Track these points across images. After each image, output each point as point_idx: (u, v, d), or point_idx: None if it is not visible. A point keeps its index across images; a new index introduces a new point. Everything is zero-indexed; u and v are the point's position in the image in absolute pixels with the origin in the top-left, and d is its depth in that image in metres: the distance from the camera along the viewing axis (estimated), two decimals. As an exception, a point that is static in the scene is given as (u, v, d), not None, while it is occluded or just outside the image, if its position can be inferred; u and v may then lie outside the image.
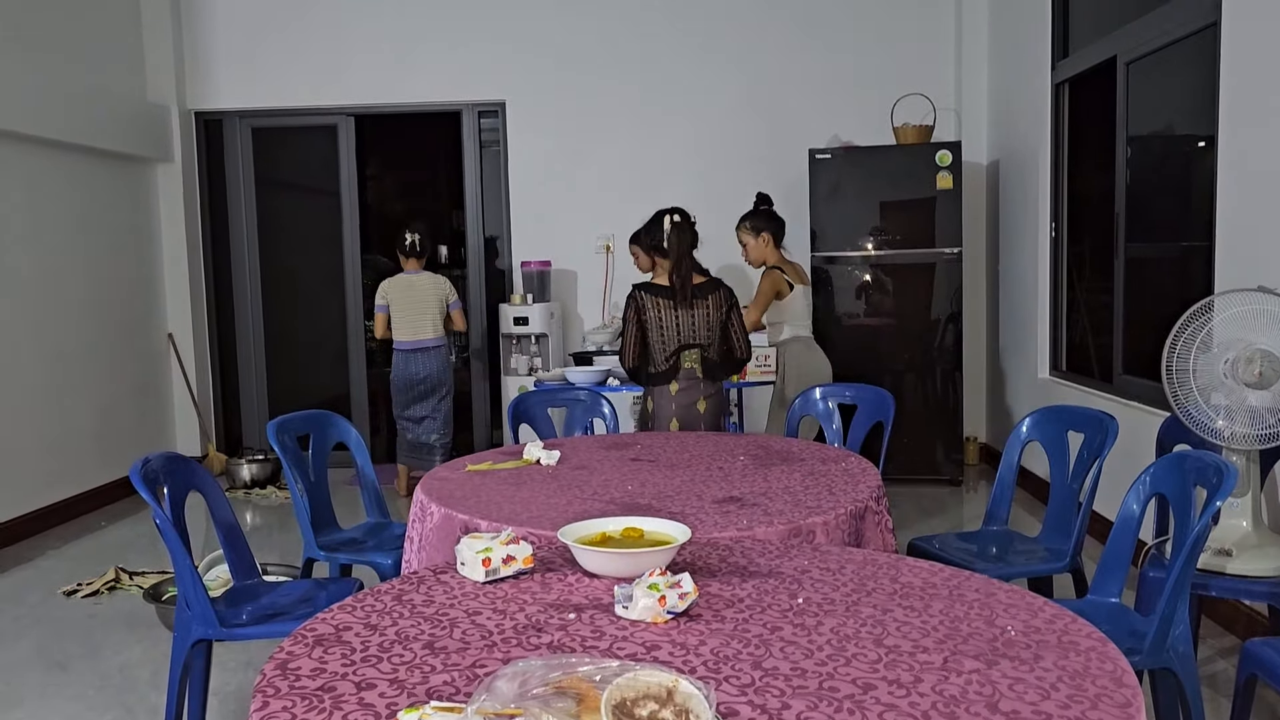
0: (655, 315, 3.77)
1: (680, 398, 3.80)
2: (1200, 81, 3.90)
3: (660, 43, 6.63)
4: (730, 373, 3.99)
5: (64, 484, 5.67)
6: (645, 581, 1.61)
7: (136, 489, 2.44)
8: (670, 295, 3.78)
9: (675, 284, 3.78)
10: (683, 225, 3.83)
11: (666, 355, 3.79)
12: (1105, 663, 1.42)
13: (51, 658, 3.65)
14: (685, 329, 3.78)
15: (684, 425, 3.80)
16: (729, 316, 3.84)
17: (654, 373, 3.82)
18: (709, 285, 3.84)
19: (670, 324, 3.77)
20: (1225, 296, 2.88)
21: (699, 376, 3.80)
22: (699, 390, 3.80)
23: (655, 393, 3.85)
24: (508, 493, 2.57)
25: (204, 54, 6.78)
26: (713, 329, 3.81)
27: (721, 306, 3.82)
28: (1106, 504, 4.15)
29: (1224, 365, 2.76)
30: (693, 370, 3.79)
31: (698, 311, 3.78)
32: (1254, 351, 2.73)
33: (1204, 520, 2.08)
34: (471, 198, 6.97)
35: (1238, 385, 2.75)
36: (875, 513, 2.47)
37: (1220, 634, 3.54)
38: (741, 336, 3.87)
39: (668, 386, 3.81)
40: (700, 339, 3.79)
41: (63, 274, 5.73)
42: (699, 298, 3.79)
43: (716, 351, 3.84)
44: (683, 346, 3.78)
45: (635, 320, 3.79)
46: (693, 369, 3.79)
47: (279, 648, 1.51)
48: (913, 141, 5.96)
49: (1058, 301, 5.56)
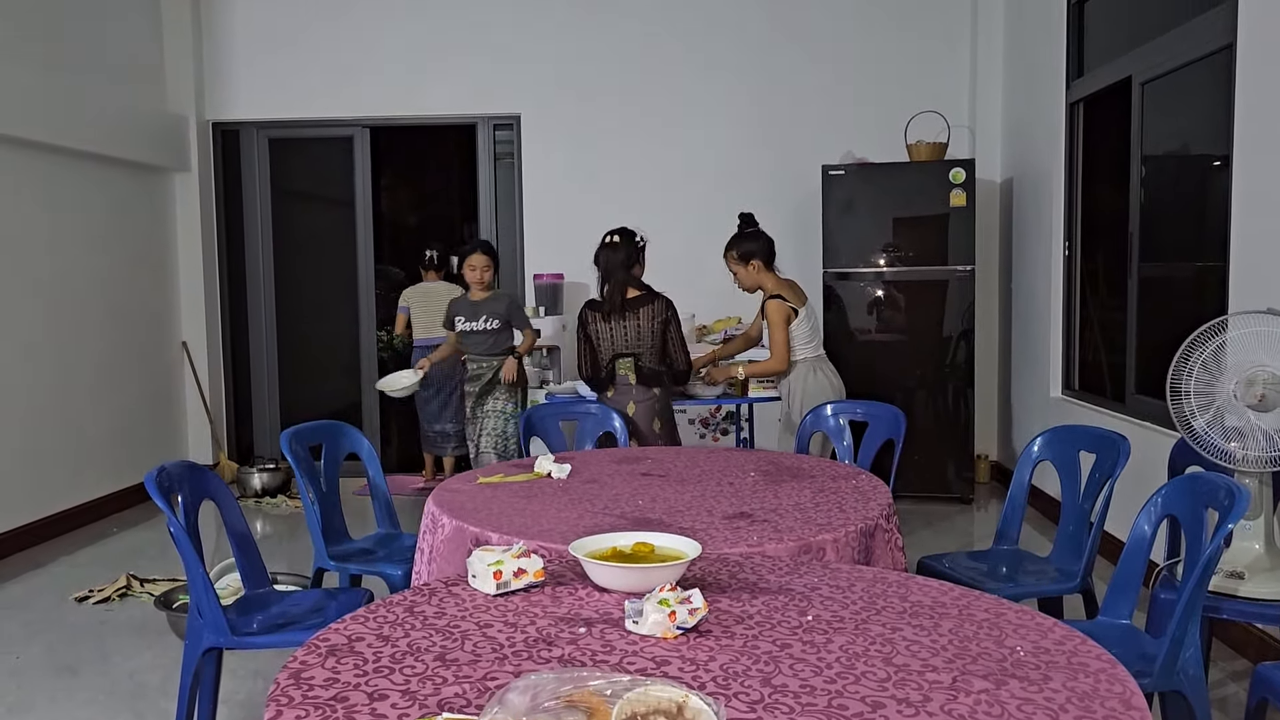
0: (594, 328, 4.17)
1: (613, 402, 4.14)
2: (1215, 103, 3.91)
3: (675, 58, 6.66)
4: (675, 382, 4.30)
5: (77, 490, 5.70)
6: (655, 597, 1.62)
7: (151, 496, 2.45)
8: (602, 309, 4.14)
9: (605, 297, 4.15)
10: (616, 244, 4.14)
11: (604, 364, 4.17)
12: (1114, 684, 1.42)
13: (63, 663, 3.67)
14: (619, 339, 4.13)
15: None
16: (665, 327, 4.12)
17: (599, 380, 4.21)
18: (643, 299, 4.13)
19: (605, 336, 4.15)
20: (1234, 319, 2.88)
21: (631, 383, 4.13)
22: (630, 395, 4.14)
23: (601, 398, 4.22)
24: (519, 506, 2.58)
25: (223, 66, 6.85)
26: (644, 339, 4.11)
27: (655, 318, 4.11)
28: (1118, 524, 4.14)
29: (1232, 387, 2.76)
30: (625, 377, 4.13)
31: (629, 323, 4.11)
32: (1256, 373, 2.74)
33: (1215, 542, 2.08)
34: (485, 210, 7.01)
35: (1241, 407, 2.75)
36: (885, 530, 2.47)
37: (1232, 657, 3.52)
38: (679, 348, 4.16)
39: (606, 392, 4.19)
40: (633, 348, 4.11)
41: (80, 281, 5.78)
42: (630, 310, 4.11)
43: (653, 360, 4.14)
44: (617, 355, 4.13)
45: (581, 334, 4.21)
46: (626, 375, 4.13)
47: (293, 657, 1.52)
48: (926, 159, 5.96)
49: (1070, 320, 5.55)
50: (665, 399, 4.23)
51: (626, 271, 4.14)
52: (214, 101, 6.87)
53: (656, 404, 4.17)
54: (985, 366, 6.50)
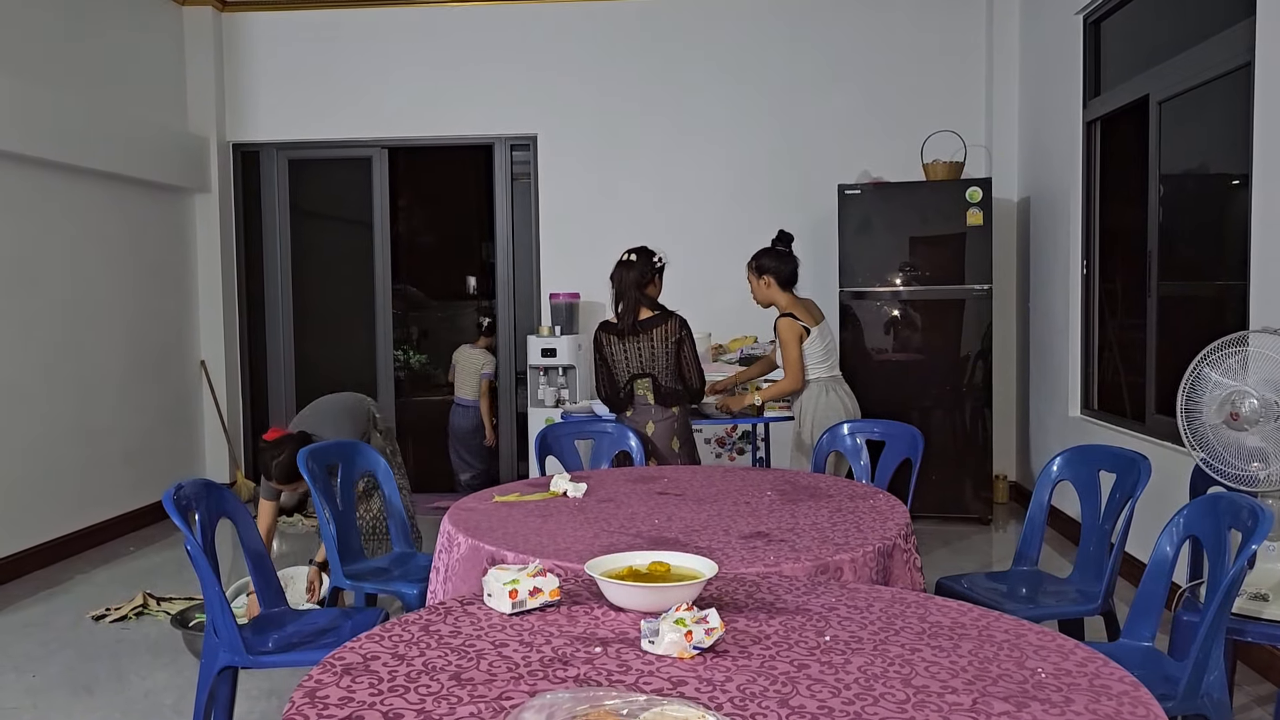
0: (609, 350, 4.16)
1: (632, 421, 4.13)
2: (1234, 121, 3.89)
3: (691, 79, 6.69)
4: (691, 400, 4.27)
5: (95, 509, 5.73)
6: (671, 616, 1.61)
7: (169, 514, 2.46)
8: (617, 329, 4.13)
9: (619, 317, 4.14)
10: (631, 263, 4.13)
11: (622, 385, 4.15)
12: (1138, 708, 1.39)
13: (79, 682, 3.67)
14: (634, 360, 4.12)
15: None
16: (679, 347, 4.11)
17: (618, 400, 4.20)
18: (658, 318, 4.12)
19: (621, 357, 4.14)
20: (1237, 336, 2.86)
21: (650, 403, 4.13)
22: (649, 415, 4.13)
23: (621, 419, 4.20)
24: (535, 524, 2.57)
25: (243, 87, 6.92)
26: (658, 359, 4.10)
27: (669, 338, 4.10)
28: (1139, 545, 4.10)
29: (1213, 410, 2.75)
30: (644, 397, 4.13)
31: (643, 343, 4.10)
32: (1229, 393, 2.73)
33: (1239, 564, 2.05)
34: (502, 229, 7.04)
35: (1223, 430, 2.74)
36: (903, 550, 2.45)
37: (1257, 681, 3.46)
38: (693, 366, 4.15)
39: (625, 413, 4.18)
40: (648, 368, 4.11)
41: (100, 300, 5.83)
42: (644, 330, 4.10)
43: (670, 379, 4.13)
44: (634, 376, 4.13)
45: (597, 355, 4.22)
46: (644, 395, 4.13)
47: (308, 676, 1.51)
48: (943, 178, 5.95)
49: (1089, 339, 5.52)
50: (684, 418, 4.21)
51: (640, 291, 4.12)
52: (234, 123, 6.94)
53: (675, 423, 4.15)
54: (1003, 386, 6.46)
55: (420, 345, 9.64)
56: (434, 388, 9.51)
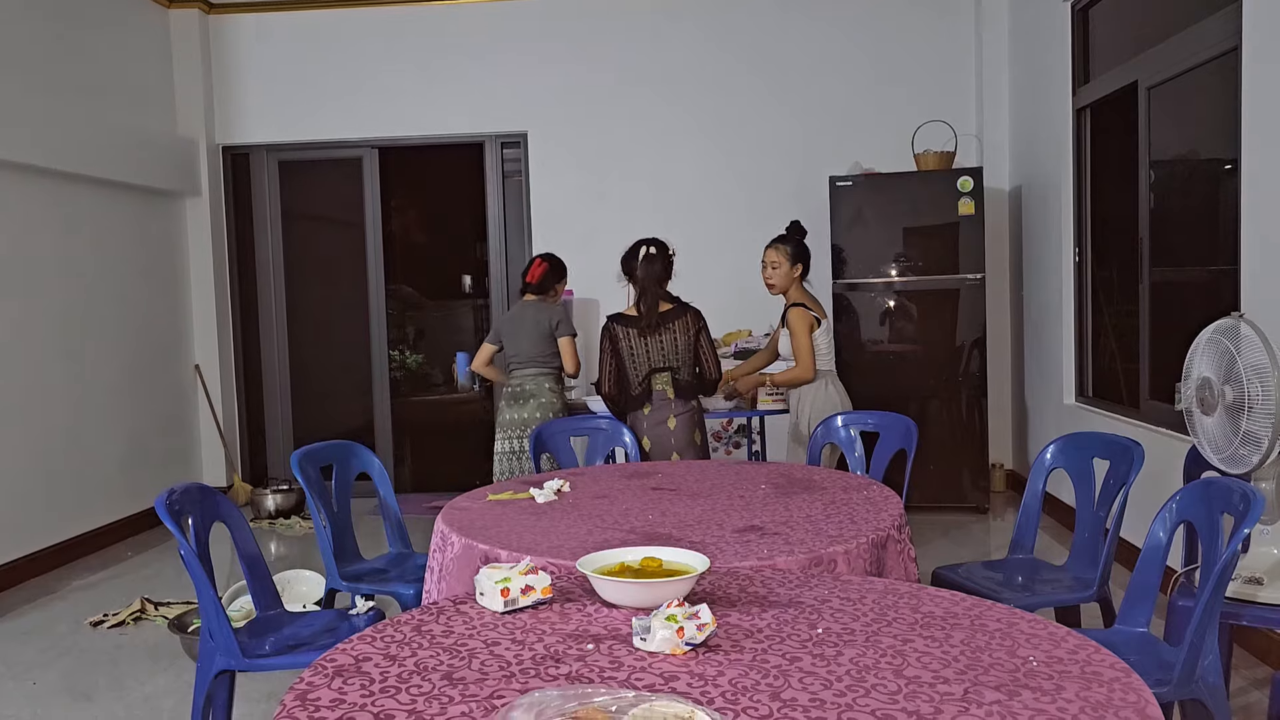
0: (627, 344, 4.05)
1: (651, 418, 4.03)
2: (1223, 105, 3.89)
3: (681, 72, 6.68)
4: (705, 392, 4.21)
5: (91, 514, 5.72)
6: (663, 613, 1.60)
7: (162, 520, 2.46)
8: (638, 324, 4.03)
9: (642, 312, 4.03)
10: (653, 257, 4.04)
11: (639, 380, 4.04)
12: (1129, 694, 1.40)
13: (78, 688, 3.67)
14: (655, 354, 4.03)
15: (654, 443, 4.02)
16: (698, 338, 4.05)
17: (631, 396, 4.07)
18: (676, 311, 4.06)
19: (640, 350, 4.04)
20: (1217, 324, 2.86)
21: (670, 397, 4.04)
22: (669, 409, 4.04)
23: (632, 416, 4.08)
24: (528, 522, 2.57)
25: (232, 90, 6.90)
26: (681, 352, 4.04)
27: (689, 329, 4.04)
28: (1134, 531, 4.10)
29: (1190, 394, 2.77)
30: (664, 392, 4.04)
31: (665, 337, 4.03)
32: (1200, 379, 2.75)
33: (1232, 548, 2.05)
34: (494, 227, 7.03)
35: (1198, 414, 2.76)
36: (897, 541, 2.45)
37: (1254, 664, 3.47)
38: (710, 358, 4.10)
39: (642, 409, 4.05)
40: (669, 362, 4.03)
41: (93, 305, 5.81)
42: (665, 324, 4.03)
43: (688, 372, 4.06)
44: (653, 370, 4.03)
45: (611, 350, 4.07)
46: (664, 390, 4.04)
47: (299, 678, 1.51)
48: (934, 168, 5.95)
49: (1083, 326, 5.52)
50: (700, 410, 4.18)
51: (661, 285, 4.06)
52: (223, 125, 6.93)
53: (696, 415, 4.11)
54: (998, 374, 6.46)
55: (416, 345, 9.64)
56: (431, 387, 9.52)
